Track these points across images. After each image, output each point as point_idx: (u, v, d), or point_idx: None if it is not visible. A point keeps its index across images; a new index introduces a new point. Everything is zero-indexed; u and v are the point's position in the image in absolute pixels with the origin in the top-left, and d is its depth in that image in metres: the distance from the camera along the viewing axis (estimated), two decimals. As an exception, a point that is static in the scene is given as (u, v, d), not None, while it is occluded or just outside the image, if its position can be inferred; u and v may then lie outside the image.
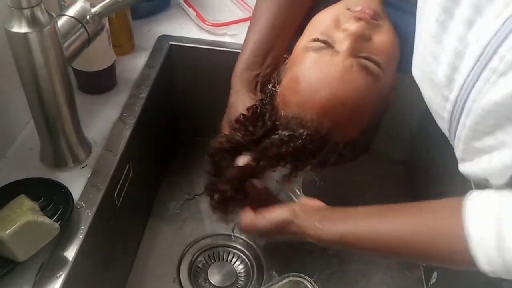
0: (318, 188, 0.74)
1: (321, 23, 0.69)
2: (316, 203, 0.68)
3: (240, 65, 0.74)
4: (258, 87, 0.74)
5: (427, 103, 0.58)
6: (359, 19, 0.65)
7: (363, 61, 0.64)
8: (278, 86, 0.69)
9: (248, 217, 0.68)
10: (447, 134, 0.55)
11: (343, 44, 0.64)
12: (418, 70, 0.56)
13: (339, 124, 0.65)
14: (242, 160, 0.69)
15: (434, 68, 0.51)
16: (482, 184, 0.52)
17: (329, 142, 0.66)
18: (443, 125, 0.54)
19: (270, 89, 0.71)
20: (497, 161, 0.47)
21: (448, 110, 0.51)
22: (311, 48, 0.66)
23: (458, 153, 0.53)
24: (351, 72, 0.64)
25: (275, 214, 0.67)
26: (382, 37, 0.67)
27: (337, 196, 0.72)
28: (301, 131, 0.65)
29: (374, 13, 0.66)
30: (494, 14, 0.44)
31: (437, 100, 0.53)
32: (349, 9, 0.67)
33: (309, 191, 0.74)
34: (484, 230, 0.48)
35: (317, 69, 0.64)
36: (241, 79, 0.74)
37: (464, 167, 0.53)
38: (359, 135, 0.69)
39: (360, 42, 0.64)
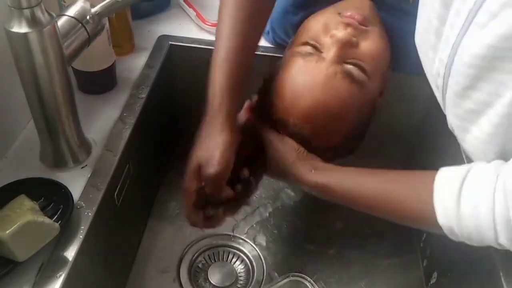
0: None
1: (311, 27, 0.70)
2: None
3: (215, 89, 0.68)
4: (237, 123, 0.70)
5: (427, 76, 0.58)
6: (347, 25, 0.66)
7: (349, 67, 0.65)
8: (268, 90, 0.70)
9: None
10: (441, 105, 0.55)
11: (329, 51, 0.66)
12: (422, 37, 0.57)
13: (320, 130, 0.67)
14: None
15: (440, 31, 0.51)
16: None
17: (310, 145, 0.68)
18: (438, 95, 0.55)
19: (261, 91, 0.72)
20: (487, 123, 0.48)
21: (441, 74, 0.51)
22: (299, 53, 0.67)
23: (449, 120, 0.54)
24: (334, 80, 0.65)
25: (280, 145, 0.68)
26: (370, 43, 0.67)
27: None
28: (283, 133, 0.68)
29: (363, 19, 0.67)
30: None
31: (435, 66, 0.53)
32: (339, 13, 0.68)
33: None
34: (448, 188, 0.51)
35: (302, 75, 0.66)
36: (215, 103, 0.67)
37: (459, 139, 0.54)
38: (342, 140, 0.70)
39: (346, 48, 0.65)
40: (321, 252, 0.90)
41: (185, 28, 0.99)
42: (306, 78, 0.65)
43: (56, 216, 0.60)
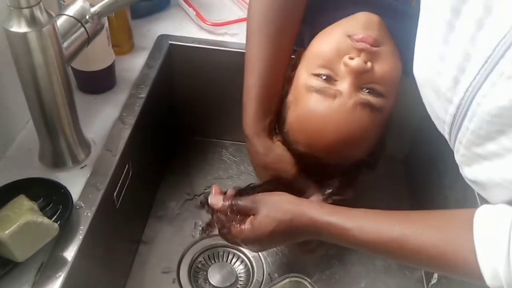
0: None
1: (322, 53, 0.68)
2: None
3: (250, 116, 0.73)
4: (273, 131, 0.75)
5: (426, 106, 0.57)
6: (360, 50, 0.66)
7: (366, 96, 0.66)
8: (284, 124, 0.71)
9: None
10: (447, 137, 0.54)
11: (344, 80, 0.65)
12: (421, 71, 0.55)
13: (344, 156, 0.69)
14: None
15: (439, 69, 0.50)
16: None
17: (338, 167, 0.71)
18: (443, 128, 0.53)
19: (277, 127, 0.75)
20: (496, 172, 0.46)
21: (450, 113, 0.50)
22: (313, 87, 0.67)
23: (458, 157, 0.52)
24: (355, 113, 0.65)
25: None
26: (384, 65, 0.67)
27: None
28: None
29: (374, 41, 0.66)
30: (505, 14, 0.42)
31: (439, 102, 0.52)
32: (349, 36, 0.67)
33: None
34: (493, 245, 0.47)
35: (321, 113, 0.65)
36: (254, 129, 0.73)
37: (463, 171, 0.52)
38: (365, 157, 0.72)
39: (361, 75, 0.65)
40: (321, 252, 0.90)
41: (185, 28, 0.99)
42: (327, 115, 0.65)
43: (55, 216, 0.60)
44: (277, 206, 0.65)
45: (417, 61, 0.56)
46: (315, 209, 0.63)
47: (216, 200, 0.71)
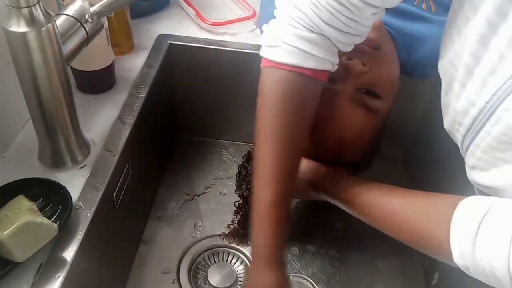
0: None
1: None
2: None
3: (266, 237, 0.63)
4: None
5: (443, 104, 0.56)
6: (359, 51, 0.65)
7: (363, 97, 0.66)
8: None
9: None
10: (458, 139, 0.53)
11: (342, 82, 0.66)
12: (449, 67, 0.54)
13: (341, 155, 0.70)
14: None
15: (471, 68, 0.48)
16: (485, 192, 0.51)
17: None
18: (456, 129, 0.52)
19: None
20: None
21: (471, 115, 0.49)
22: None
23: (471, 160, 0.51)
24: (352, 115, 0.66)
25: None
26: (382, 67, 0.67)
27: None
28: None
29: (373, 43, 0.66)
30: None
31: (459, 103, 0.51)
32: None
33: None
34: (465, 226, 0.49)
35: (318, 112, 0.64)
36: (269, 261, 0.63)
37: (474, 175, 0.52)
38: (361, 156, 0.73)
39: (359, 77, 0.65)
40: (322, 253, 0.90)
41: (185, 27, 0.99)
42: (322, 114, 0.65)
43: (54, 217, 0.60)
44: None
45: (443, 57, 0.55)
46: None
47: None
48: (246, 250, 0.89)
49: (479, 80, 0.47)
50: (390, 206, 0.59)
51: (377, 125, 0.69)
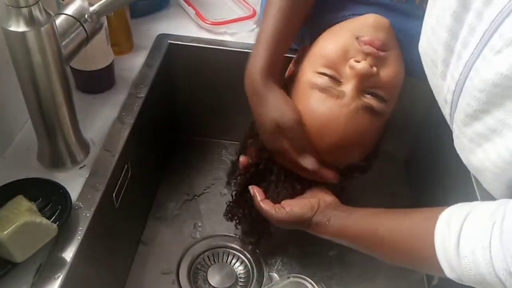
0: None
1: (327, 54, 0.67)
2: (330, 198, 0.72)
3: (259, 60, 0.69)
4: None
5: (433, 88, 0.56)
6: (367, 54, 0.65)
7: (369, 101, 0.65)
8: None
9: (267, 206, 0.72)
10: (448, 119, 0.53)
11: (349, 83, 0.65)
12: (428, 48, 0.54)
13: (342, 158, 0.70)
14: None
15: (450, 44, 0.48)
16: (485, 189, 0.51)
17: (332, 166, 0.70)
18: (448, 112, 0.52)
19: None
20: (486, 156, 0.46)
21: (451, 90, 0.49)
22: (317, 85, 0.66)
23: (455, 142, 0.52)
24: (356, 117, 0.65)
25: (296, 209, 0.70)
26: (389, 70, 0.66)
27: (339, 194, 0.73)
28: None
29: (381, 44, 0.65)
30: None
31: (446, 81, 0.51)
32: (357, 38, 0.66)
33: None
34: (447, 241, 0.49)
35: (323, 112, 0.65)
36: (262, 71, 0.68)
37: (465, 160, 0.52)
38: (362, 159, 0.72)
39: (366, 79, 0.65)
40: (321, 253, 0.90)
41: (185, 27, 0.98)
42: (329, 115, 0.65)
43: (54, 217, 0.60)
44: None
45: (424, 39, 0.55)
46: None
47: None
48: (247, 251, 0.89)
49: (456, 54, 0.48)
50: (378, 234, 0.61)
51: (380, 128, 0.69)
